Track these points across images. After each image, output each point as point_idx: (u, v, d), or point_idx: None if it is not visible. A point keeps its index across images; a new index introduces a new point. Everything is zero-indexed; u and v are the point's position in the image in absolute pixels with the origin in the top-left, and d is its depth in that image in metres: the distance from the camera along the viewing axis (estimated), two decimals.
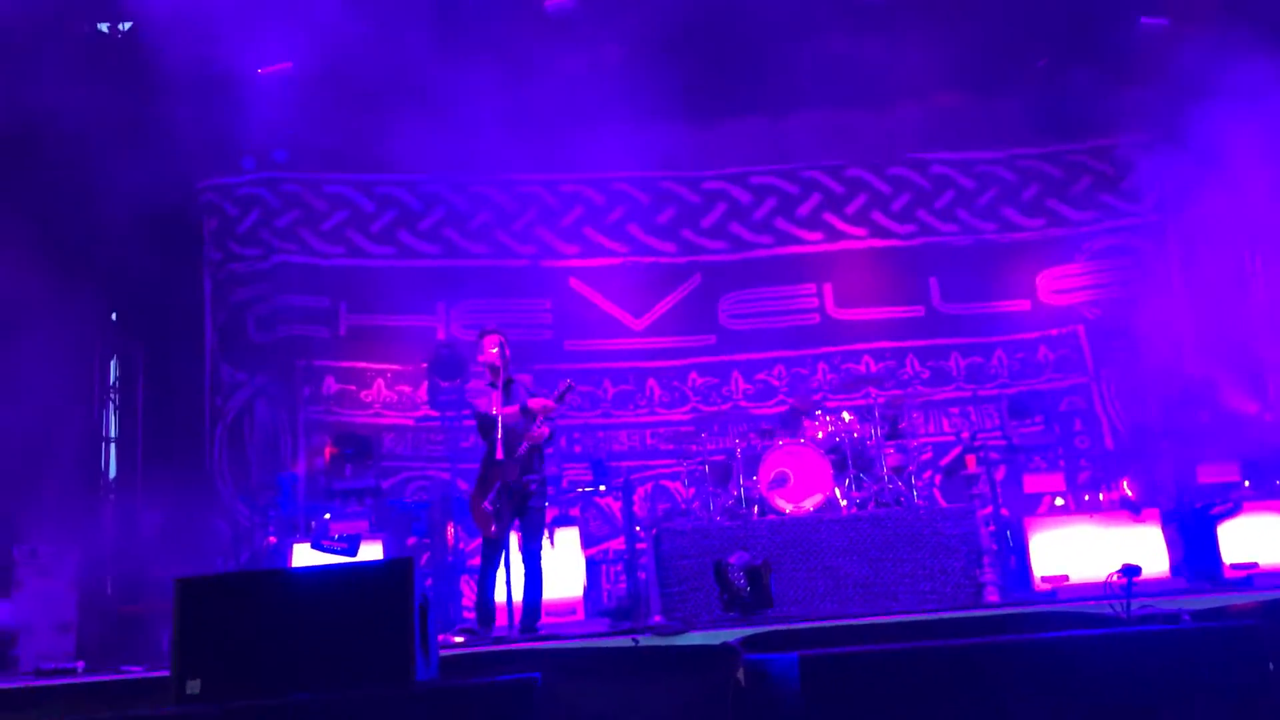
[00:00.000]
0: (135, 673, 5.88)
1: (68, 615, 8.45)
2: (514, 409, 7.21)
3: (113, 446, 10.44)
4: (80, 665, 7.26)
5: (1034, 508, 9.12)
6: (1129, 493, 9.29)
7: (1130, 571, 5.86)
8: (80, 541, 9.05)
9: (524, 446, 7.13)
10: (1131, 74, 10.75)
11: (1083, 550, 8.32)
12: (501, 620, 7.35)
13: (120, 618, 9.16)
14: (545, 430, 7.21)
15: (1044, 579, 8.29)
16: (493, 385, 7.27)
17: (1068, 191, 11.76)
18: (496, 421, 7.04)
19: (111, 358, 10.53)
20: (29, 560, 8.43)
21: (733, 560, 7.41)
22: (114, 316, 10.39)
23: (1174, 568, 8.29)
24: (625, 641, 5.63)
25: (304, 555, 8.78)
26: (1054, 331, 11.55)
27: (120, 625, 9.01)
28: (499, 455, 7.01)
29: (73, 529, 9.24)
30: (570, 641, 6.11)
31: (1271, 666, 4.22)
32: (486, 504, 7.10)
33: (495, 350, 7.32)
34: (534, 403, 7.25)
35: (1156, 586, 7.50)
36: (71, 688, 5.37)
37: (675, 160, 11.76)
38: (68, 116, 8.92)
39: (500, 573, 7.27)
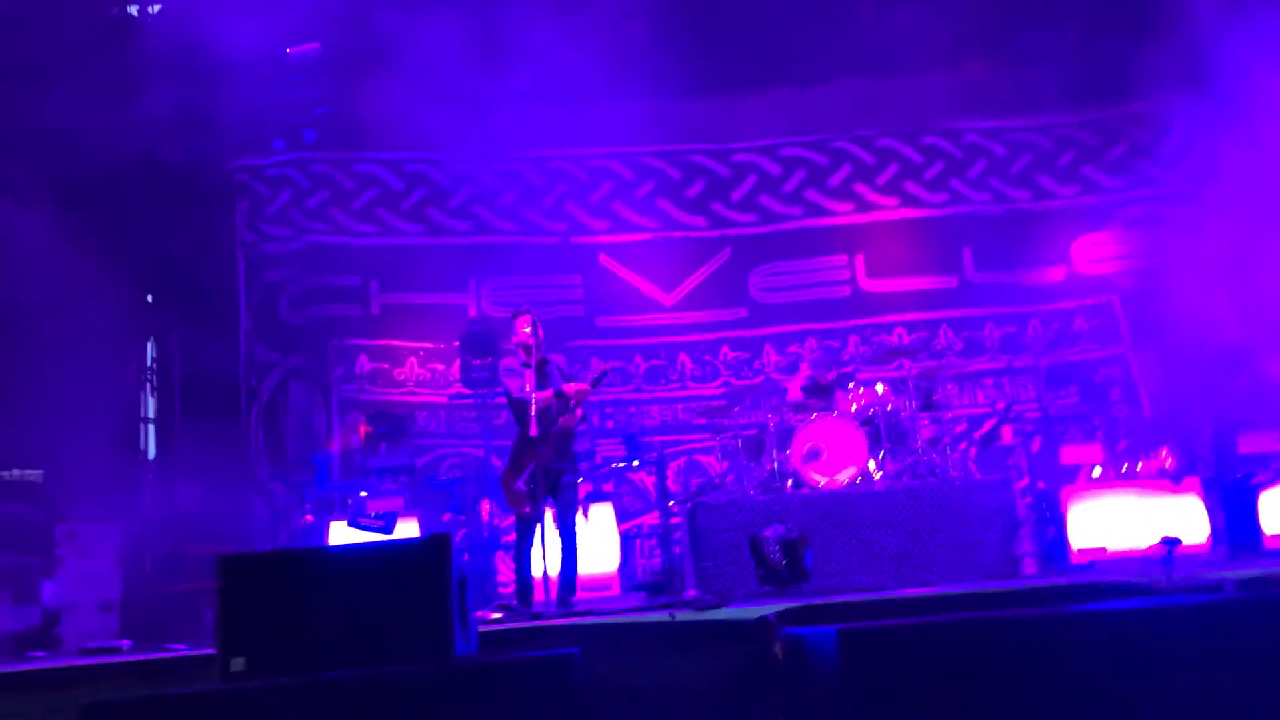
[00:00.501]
0: (180, 651, 5.95)
1: (111, 594, 8.57)
2: (548, 392, 7.20)
3: (150, 427, 10.55)
4: (126, 644, 7.36)
5: (1071, 479, 9.03)
6: (1168, 463, 9.18)
7: (1171, 543, 5.81)
8: (121, 521, 9.16)
9: (557, 428, 7.13)
10: (1168, 36, 10.56)
11: (1121, 521, 8.26)
12: (538, 596, 7.38)
13: (161, 596, 9.28)
14: (579, 414, 7.22)
15: (1081, 551, 8.23)
16: (526, 365, 7.26)
17: (1103, 158, 11.60)
18: (530, 403, 7.04)
19: (148, 339, 10.63)
20: (70, 540, 8.54)
21: (768, 534, 7.40)
22: (149, 299, 10.48)
23: (1214, 538, 8.20)
24: (662, 616, 5.63)
25: (341, 533, 8.85)
26: (1089, 301, 11.42)
27: (161, 604, 9.12)
28: (533, 434, 7.01)
29: (113, 509, 9.35)
30: (607, 617, 6.13)
31: None
32: (520, 484, 7.10)
33: (528, 330, 7.30)
34: (569, 388, 7.24)
35: (1197, 557, 7.43)
36: (117, 666, 5.45)
37: (704, 133, 11.72)
38: (100, 101, 8.97)
39: (536, 549, 7.29)
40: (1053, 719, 4.02)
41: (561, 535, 7.22)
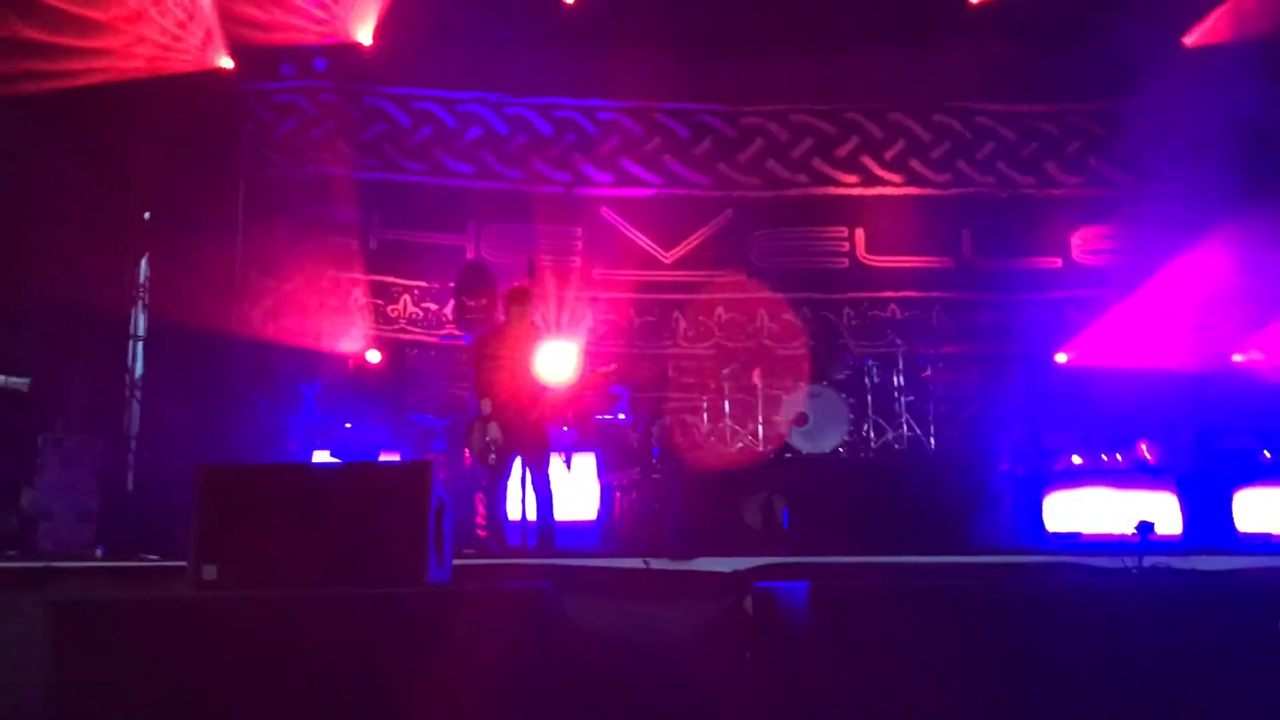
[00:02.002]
0: (152, 560, 5.97)
1: (89, 505, 8.56)
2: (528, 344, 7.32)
3: (140, 344, 10.48)
4: (100, 550, 7.38)
5: (1051, 463, 9.08)
6: (1146, 455, 9.25)
7: (1145, 528, 5.85)
8: (104, 435, 9.14)
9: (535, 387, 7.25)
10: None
11: (1095, 509, 8.31)
12: (515, 540, 7.44)
13: (139, 512, 9.28)
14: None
15: (1056, 534, 8.29)
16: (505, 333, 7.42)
17: (1111, 151, 11.53)
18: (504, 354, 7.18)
19: (143, 256, 10.54)
20: (53, 449, 8.50)
21: (748, 494, 7.44)
22: (146, 216, 10.38)
23: (1187, 532, 8.26)
24: (636, 562, 5.67)
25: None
26: (1083, 292, 11.42)
27: (139, 519, 9.13)
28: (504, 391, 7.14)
29: (98, 422, 9.33)
30: (581, 559, 6.17)
31: None
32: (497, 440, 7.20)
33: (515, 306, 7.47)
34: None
35: (1169, 546, 7.48)
36: (89, 570, 5.48)
37: (715, 93, 11.63)
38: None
39: (514, 492, 7.35)
40: (1011, 682, 4.07)
41: (536, 486, 7.32)
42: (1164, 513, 8.17)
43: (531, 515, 7.34)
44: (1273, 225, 10.71)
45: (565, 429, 8.33)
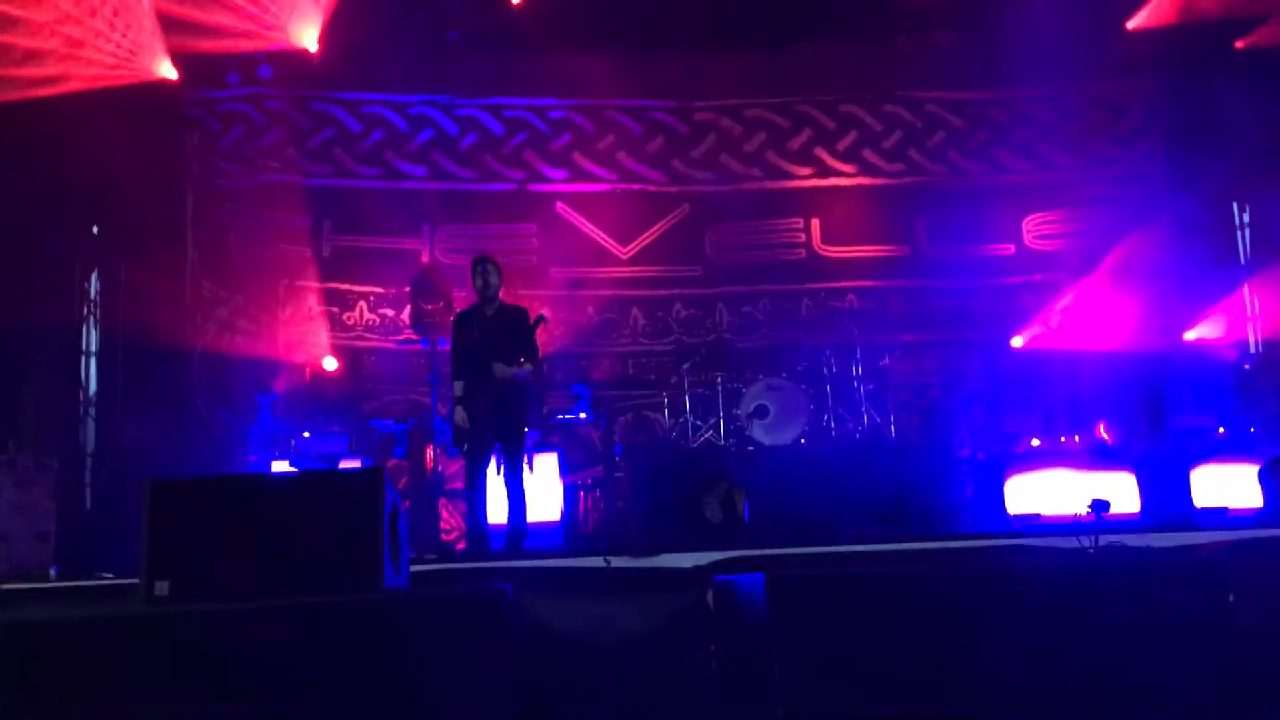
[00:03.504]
0: (107, 579, 5.89)
1: (46, 526, 8.45)
2: (503, 336, 7.22)
3: (93, 360, 10.35)
4: (54, 569, 7.28)
5: (1011, 447, 9.17)
6: (1105, 436, 9.37)
7: (1100, 506, 5.92)
8: (59, 454, 9.02)
9: (509, 378, 7.14)
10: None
11: (1056, 491, 8.41)
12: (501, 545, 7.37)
13: (97, 529, 9.17)
14: (507, 370, 7.19)
15: (1016, 516, 8.38)
16: (479, 312, 7.29)
17: (1059, 136, 11.64)
18: (480, 346, 7.10)
19: (93, 271, 10.40)
20: (8, 470, 8.37)
21: (709, 487, 7.45)
22: (95, 230, 10.25)
23: (1145, 510, 8.37)
24: (597, 561, 5.66)
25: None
26: (1037, 277, 11.54)
27: (97, 537, 9.02)
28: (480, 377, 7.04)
29: (52, 442, 9.21)
30: (542, 560, 6.15)
31: (1231, 598, 4.28)
32: (465, 425, 7.12)
33: (482, 280, 7.31)
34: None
35: (1128, 525, 7.58)
36: (43, 590, 5.40)
37: (667, 90, 11.63)
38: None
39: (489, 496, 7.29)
40: (970, 664, 4.10)
41: (509, 485, 7.22)
42: (1123, 492, 8.28)
43: (501, 518, 7.25)
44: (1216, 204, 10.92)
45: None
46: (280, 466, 9.07)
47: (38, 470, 8.55)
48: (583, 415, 9.74)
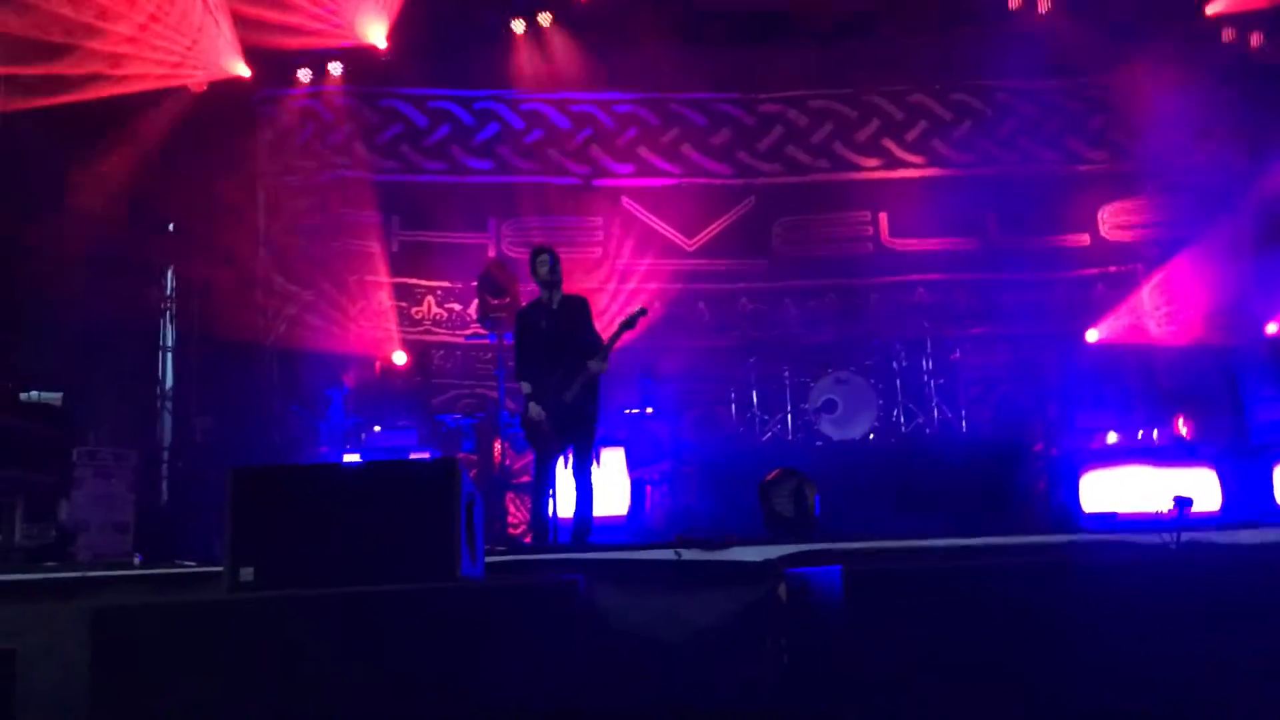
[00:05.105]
0: (189, 566, 6.00)
1: (125, 515, 8.64)
2: (569, 327, 7.16)
3: (169, 355, 10.57)
4: (138, 557, 7.44)
5: (1086, 442, 8.99)
6: (1183, 432, 9.15)
7: (1183, 503, 5.76)
8: (138, 446, 9.22)
9: (584, 371, 7.09)
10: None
11: (1133, 488, 8.23)
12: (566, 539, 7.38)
13: (174, 520, 9.37)
14: (604, 365, 7.15)
15: (1092, 515, 8.21)
16: (544, 304, 7.24)
17: (1135, 123, 11.38)
18: (550, 339, 7.06)
19: (168, 268, 10.62)
20: (88, 461, 8.58)
21: (777, 481, 7.38)
22: (170, 227, 10.46)
23: (1226, 507, 8.17)
24: (667, 554, 5.64)
25: None
26: (1113, 269, 11.30)
27: (174, 527, 9.21)
28: (550, 370, 7.01)
29: (130, 434, 9.41)
30: (612, 553, 6.14)
31: None
32: (541, 423, 7.06)
33: (545, 269, 7.24)
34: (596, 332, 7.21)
35: (1208, 522, 7.39)
36: (128, 577, 5.50)
37: (732, 82, 11.58)
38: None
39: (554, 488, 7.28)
40: (1049, 665, 4.02)
41: (577, 478, 7.19)
42: (1203, 488, 8.08)
43: (566, 512, 7.23)
44: None
45: None
46: (351, 459, 9.19)
47: (117, 462, 8.73)
48: (649, 410, 9.72)
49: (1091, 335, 10.88)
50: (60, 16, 8.94)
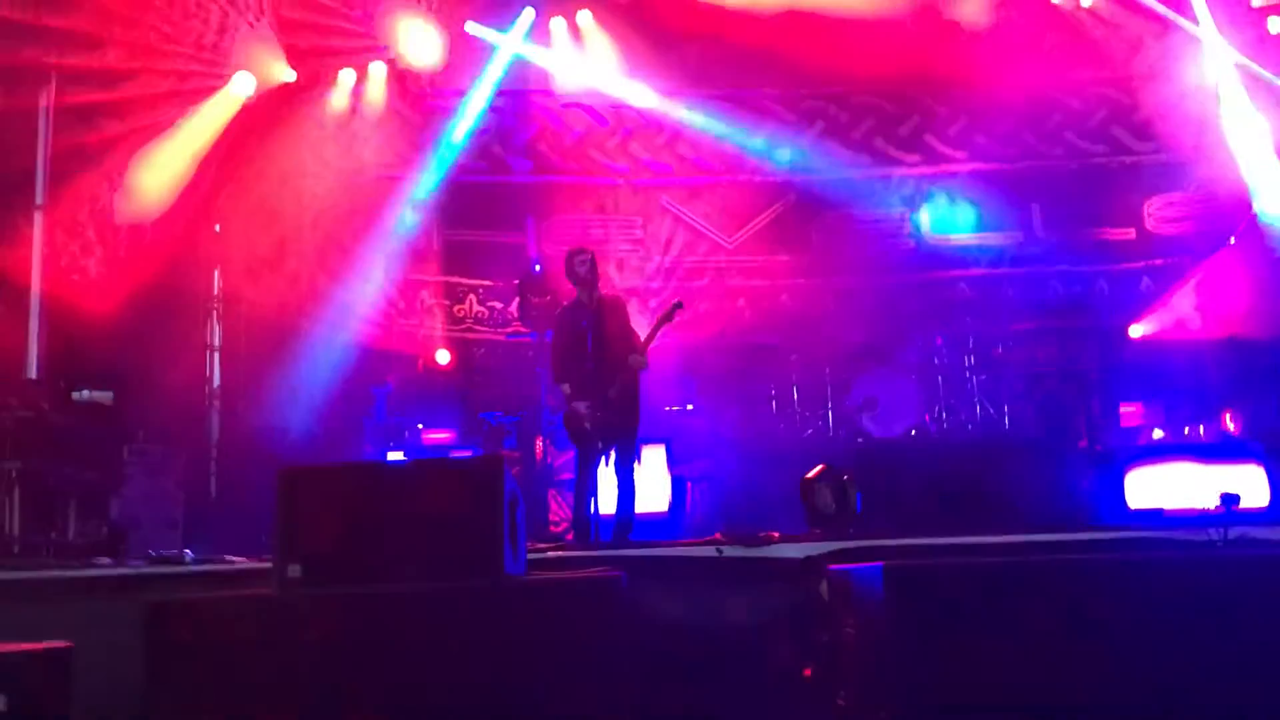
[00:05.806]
0: (239, 562, 6.11)
1: (175, 513, 8.77)
2: (608, 327, 7.19)
3: (216, 355, 10.73)
4: (189, 554, 7.55)
5: (1132, 439, 8.90)
6: (1230, 427, 9.02)
7: (1229, 500, 5.71)
8: (186, 444, 9.37)
9: (625, 368, 7.11)
10: None
11: (1180, 485, 8.12)
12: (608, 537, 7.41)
13: (222, 517, 9.50)
14: (644, 361, 7.18)
15: (1138, 511, 8.11)
16: (583, 304, 7.27)
17: (1181, 116, 11.19)
18: (589, 338, 7.09)
19: (215, 268, 10.78)
20: (138, 459, 8.71)
21: (819, 478, 7.37)
22: (217, 228, 10.62)
23: (1274, 503, 8.03)
24: (709, 551, 5.67)
25: None
26: (1159, 262, 11.16)
27: (223, 524, 9.34)
28: (591, 369, 7.05)
29: (179, 432, 9.55)
30: (654, 550, 6.18)
31: None
32: (584, 420, 7.09)
33: (585, 269, 7.28)
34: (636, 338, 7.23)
35: (1257, 518, 7.28)
36: (180, 574, 5.62)
37: (772, 79, 11.54)
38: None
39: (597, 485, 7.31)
40: (1092, 663, 3.99)
41: (619, 475, 7.21)
42: (1251, 485, 7.95)
43: (610, 508, 7.25)
44: None
45: None
46: (395, 457, 9.28)
47: (166, 459, 8.87)
48: (690, 407, 9.74)
49: (1136, 330, 10.74)
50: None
